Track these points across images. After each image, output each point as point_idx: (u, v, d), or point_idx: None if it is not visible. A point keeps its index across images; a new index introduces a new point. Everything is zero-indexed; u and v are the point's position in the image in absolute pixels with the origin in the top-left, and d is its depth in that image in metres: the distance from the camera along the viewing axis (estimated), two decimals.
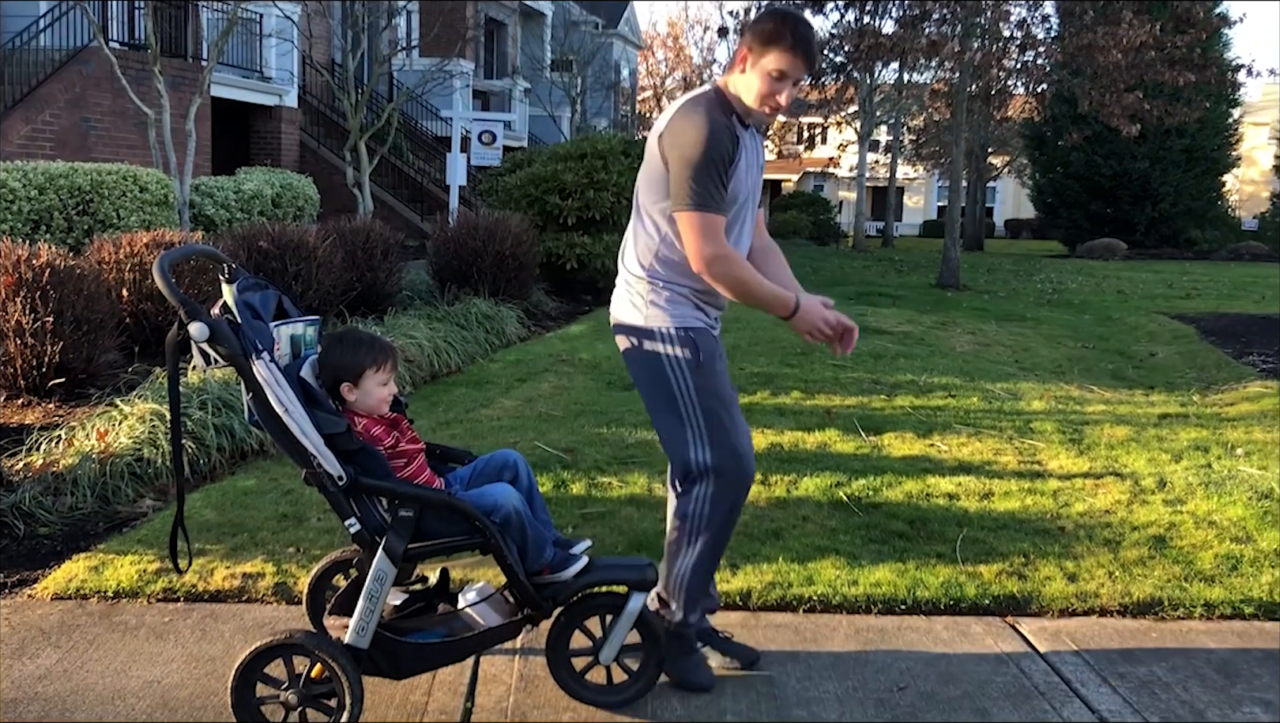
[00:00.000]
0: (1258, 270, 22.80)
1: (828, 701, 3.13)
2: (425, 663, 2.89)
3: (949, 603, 3.85)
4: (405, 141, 22.03)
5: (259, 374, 2.64)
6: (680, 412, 3.05)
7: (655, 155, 3.02)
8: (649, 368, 3.10)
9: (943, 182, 44.36)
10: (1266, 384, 8.06)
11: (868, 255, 26.90)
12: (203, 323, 2.61)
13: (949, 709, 3.10)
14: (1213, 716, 3.10)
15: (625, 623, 2.95)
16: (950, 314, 13.25)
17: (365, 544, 2.77)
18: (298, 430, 2.66)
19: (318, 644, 2.72)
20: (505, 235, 10.99)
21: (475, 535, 2.78)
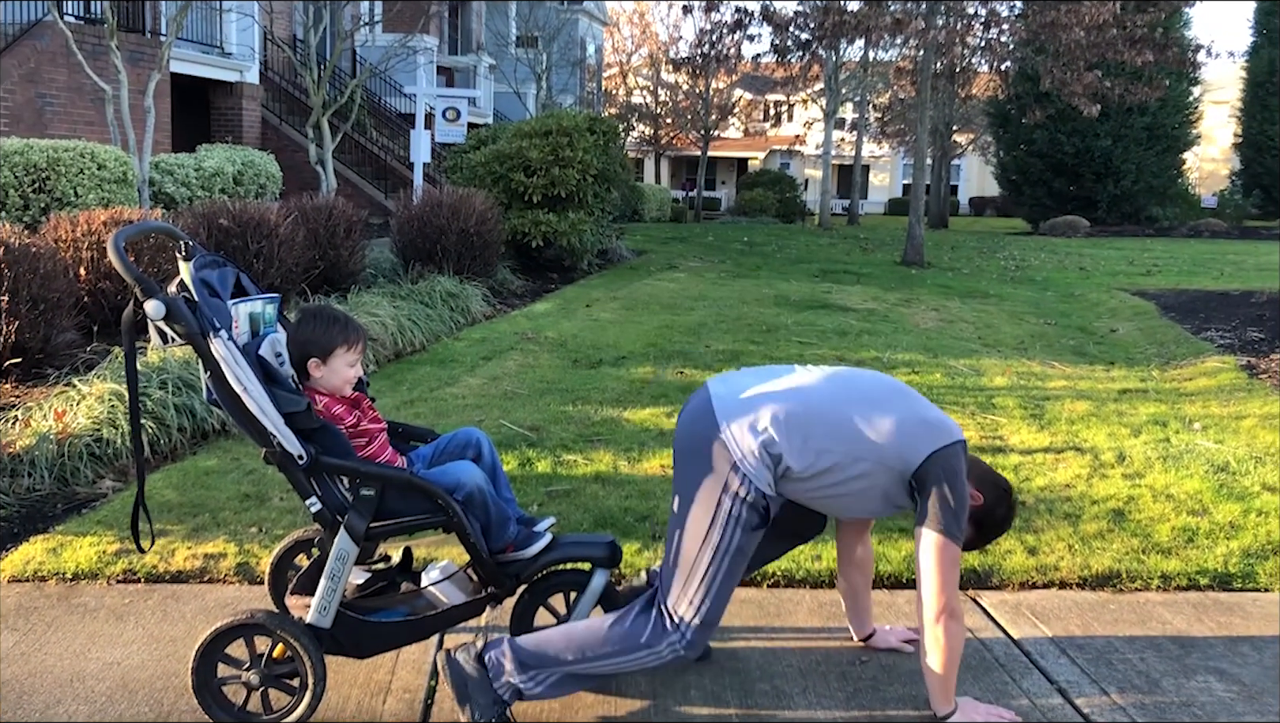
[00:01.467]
0: (1217, 247, 23.08)
1: (791, 674, 3.15)
2: (388, 642, 2.87)
3: (911, 578, 3.89)
4: (369, 118, 21.79)
5: (216, 352, 2.61)
6: (700, 547, 2.74)
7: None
8: (703, 484, 2.76)
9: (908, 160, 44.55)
10: (1224, 359, 8.17)
11: (833, 233, 26.97)
12: (159, 301, 2.57)
13: (910, 682, 3.13)
14: (1168, 685, 3.15)
15: (590, 600, 2.95)
16: (914, 291, 13.33)
17: (327, 524, 2.75)
18: (256, 409, 2.63)
19: (279, 624, 2.70)
20: (470, 213, 10.92)
21: (438, 514, 2.76)
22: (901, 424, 2.77)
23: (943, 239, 25.46)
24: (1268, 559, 4.13)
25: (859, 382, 2.90)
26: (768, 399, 2.78)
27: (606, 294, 11.86)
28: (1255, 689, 3.13)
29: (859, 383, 2.89)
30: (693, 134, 39.81)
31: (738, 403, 2.78)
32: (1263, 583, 3.96)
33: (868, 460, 2.75)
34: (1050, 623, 3.57)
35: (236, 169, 14.38)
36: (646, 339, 8.74)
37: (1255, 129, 35.66)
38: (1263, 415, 6.38)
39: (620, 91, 41.64)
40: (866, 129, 37.96)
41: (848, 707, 2.97)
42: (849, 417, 2.76)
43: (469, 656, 2.76)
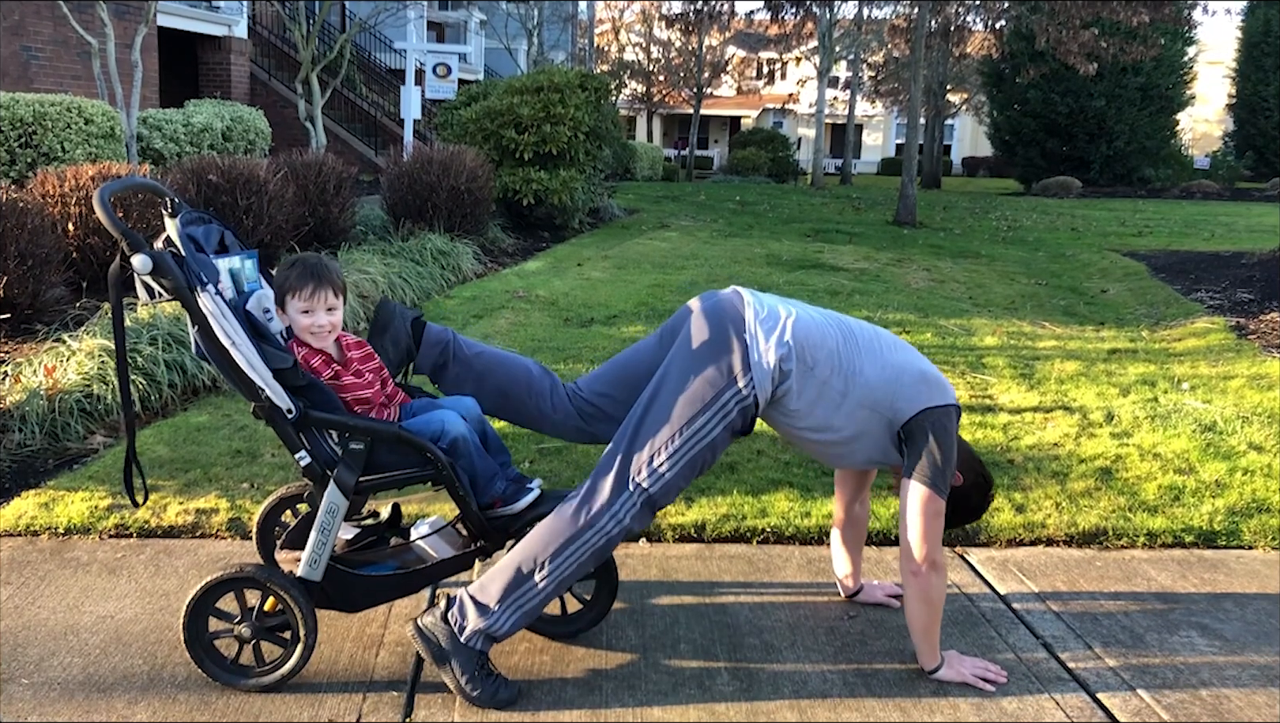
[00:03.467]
0: (1208, 209, 23.07)
1: (779, 628, 3.18)
2: (378, 596, 2.88)
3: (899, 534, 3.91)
4: (358, 74, 21.63)
5: (204, 307, 2.60)
6: (683, 425, 2.76)
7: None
8: (708, 368, 2.77)
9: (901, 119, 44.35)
10: (1213, 320, 8.20)
11: (826, 193, 26.89)
12: (145, 255, 2.57)
13: (897, 637, 3.16)
14: (1151, 640, 3.19)
15: None
16: (906, 251, 13.32)
17: (316, 478, 2.75)
18: (245, 363, 2.63)
19: (269, 577, 2.71)
20: (460, 170, 10.86)
21: (427, 467, 2.77)
22: (902, 374, 2.81)
23: (935, 199, 25.40)
24: (1252, 517, 4.17)
25: (872, 331, 2.93)
26: (793, 320, 2.80)
27: (598, 253, 11.83)
28: (1237, 645, 3.17)
29: (871, 331, 2.92)
30: (685, 92, 39.54)
31: (770, 312, 2.81)
32: (1247, 540, 4.00)
33: (861, 403, 2.78)
34: (1037, 579, 3.61)
35: (225, 125, 14.25)
36: (638, 298, 8.73)
37: (1249, 90, 35.58)
38: (1250, 376, 6.41)
39: (613, 48, 41.25)
40: (860, 88, 37.75)
41: (835, 661, 3.00)
42: (854, 355, 2.80)
43: (435, 618, 2.77)
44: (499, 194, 12.65)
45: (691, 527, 3.89)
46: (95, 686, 2.74)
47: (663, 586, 3.44)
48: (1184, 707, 2.82)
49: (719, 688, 2.84)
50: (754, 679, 2.89)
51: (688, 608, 3.30)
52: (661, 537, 3.85)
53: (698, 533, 3.88)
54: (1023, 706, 2.80)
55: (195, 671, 2.80)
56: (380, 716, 2.65)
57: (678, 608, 3.27)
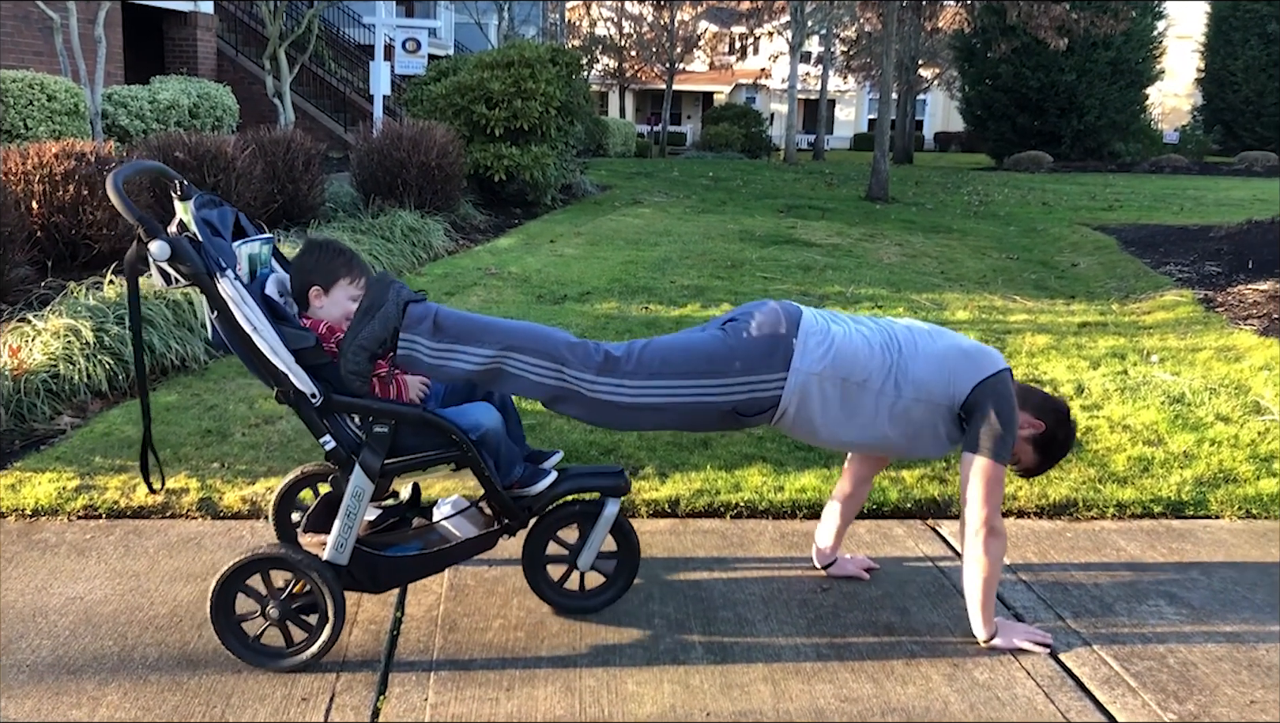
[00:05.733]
0: (1177, 182, 23.24)
1: (753, 602, 3.20)
2: (403, 576, 2.88)
3: (872, 507, 3.94)
4: (327, 50, 21.40)
5: (224, 292, 2.57)
6: (703, 382, 2.79)
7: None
8: (757, 361, 2.80)
9: (873, 94, 44.34)
10: (1182, 293, 8.27)
11: (798, 168, 26.89)
12: (163, 241, 2.53)
13: (870, 609, 3.18)
14: (1120, 609, 3.23)
15: (602, 529, 2.98)
16: (878, 226, 13.34)
17: (340, 462, 2.74)
18: (268, 349, 2.61)
19: (301, 559, 2.70)
20: (431, 146, 10.77)
21: (451, 449, 2.76)
22: (945, 360, 2.88)
23: (907, 174, 25.46)
24: (1219, 487, 4.22)
25: (907, 330, 2.96)
26: (840, 340, 2.85)
27: (570, 229, 11.78)
28: (1203, 612, 3.21)
29: (906, 330, 2.96)
30: (657, 67, 39.36)
31: (822, 329, 2.86)
32: (1214, 510, 4.05)
33: (917, 399, 2.85)
34: (1008, 551, 3.63)
35: (192, 101, 14.06)
36: (611, 275, 8.71)
37: (1218, 65, 35.80)
38: (1218, 348, 6.47)
39: (584, 23, 40.97)
40: (832, 63, 37.72)
41: (809, 633, 3.02)
42: (901, 359, 2.86)
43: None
44: (470, 170, 12.57)
45: (665, 502, 3.90)
46: (65, 667, 2.72)
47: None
48: (1151, 674, 2.85)
49: (693, 660, 2.85)
50: (728, 652, 2.90)
51: (662, 583, 3.30)
52: (636, 512, 3.85)
53: (671, 508, 3.88)
54: (994, 676, 2.83)
55: (165, 651, 2.78)
56: (354, 693, 2.64)
57: (652, 583, 3.28)
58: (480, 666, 2.79)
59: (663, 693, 2.69)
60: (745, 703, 2.66)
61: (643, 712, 2.61)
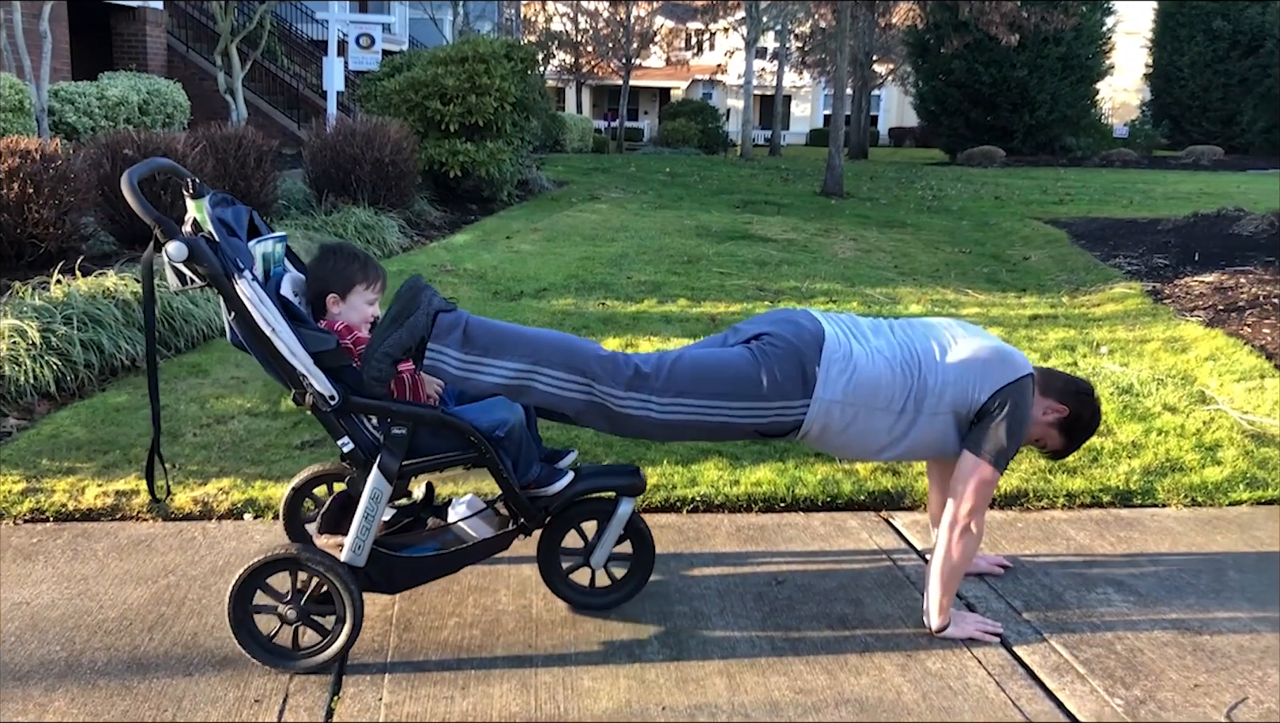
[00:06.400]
0: (1127, 176, 23.58)
1: (709, 596, 3.21)
2: (419, 577, 2.87)
3: (826, 500, 3.97)
4: (280, 45, 21.19)
5: (242, 293, 2.55)
6: (728, 404, 2.81)
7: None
8: (782, 385, 2.82)
9: (828, 90, 44.56)
10: (1131, 285, 8.39)
11: (755, 164, 26.98)
12: (180, 242, 2.50)
13: (825, 601, 3.21)
14: (1070, 597, 3.28)
15: (616, 527, 2.98)
16: (833, 221, 13.42)
17: (359, 463, 2.73)
18: (286, 350, 2.58)
19: (321, 561, 2.69)
20: (384, 142, 10.70)
21: (469, 450, 2.75)
22: (967, 371, 2.88)
23: (862, 169, 25.63)
24: (1166, 476, 4.29)
25: (925, 342, 2.96)
26: (862, 363, 2.85)
27: (527, 225, 11.75)
28: (1150, 600, 3.27)
29: (925, 341, 2.96)
30: (614, 63, 39.33)
31: (844, 350, 2.86)
32: (1161, 499, 4.12)
33: (936, 412, 2.88)
34: None
35: (142, 98, 13.87)
36: (568, 271, 8.70)
37: (1165, 60, 36.36)
38: (1165, 339, 6.58)
39: (540, 18, 40.86)
40: (787, 59, 37.87)
41: (764, 626, 3.04)
42: (923, 375, 2.87)
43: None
44: (425, 166, 12.49)
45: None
46: (10, 674, 2.68)
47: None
48: (1099, 660, 2.90)
49: (648, 655, 2.85)
50: (683, 646, 2.91)
51: None
52: None
53: None
54: (946, 665, 2.86)
55: (115, 655, 2.75)
56: (308, 694, 2.63)
57: None
58: (435, 665, 2.78)
59: (618, 689, 2.70)
60: (701, 697, 2.67)
61: (598, 708, 2.62)
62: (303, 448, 4.32)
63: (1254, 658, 2.94)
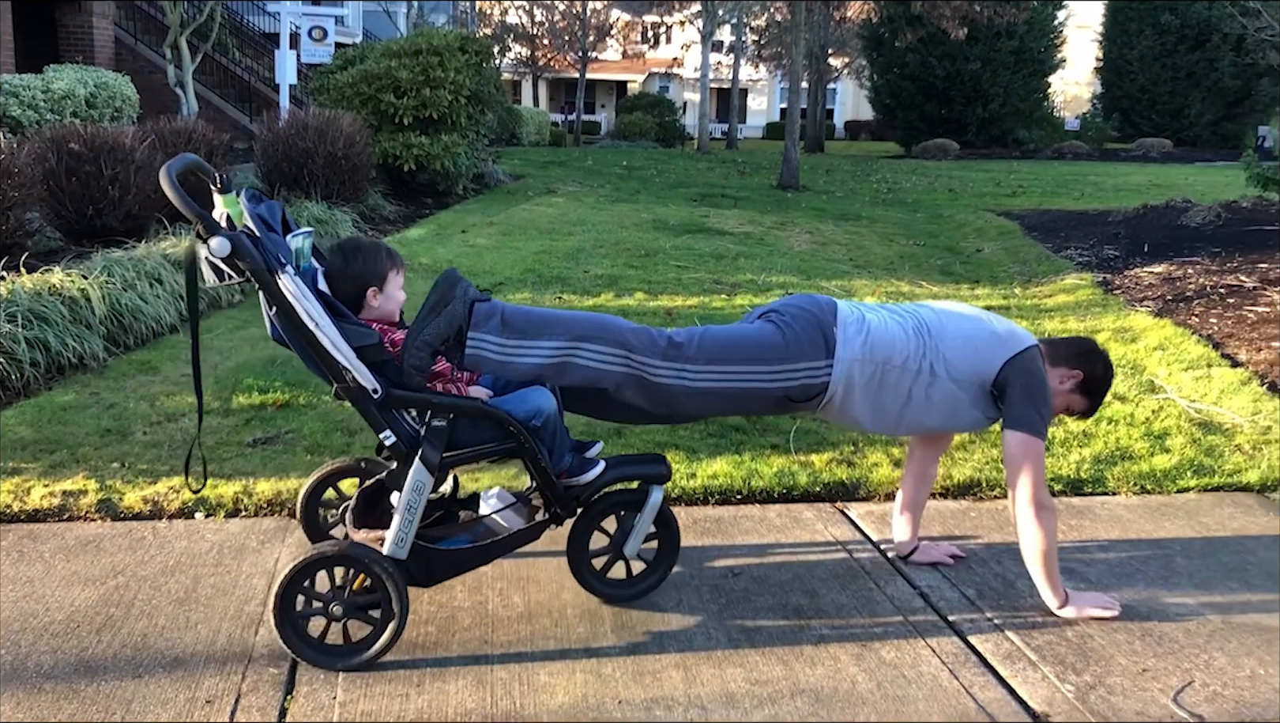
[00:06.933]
0: (1079, 169, 23.86)
1: (665, 589, 3.21)
2: (456, 568, 2.88)
3: (782, 492, 3.99)
4: (231, 38, 20.90)
5: (285, 289, 2.56)
6: (754, 371, 2.89)
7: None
8: (805, 350, 2.92)
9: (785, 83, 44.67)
10: (1082, 276, 8.50)
11: (712, 157, 27.01)
12: (223, 238, 2.50)
13: (781, 592, 3.22)
14: (1022, 586, 3.31)
15: (648, 516, 3.01)
16: (790, 215, 13.48)
17: (400, 456, 2.74)
18: (329, 344, 2.60)
19: (368, 556, 2.69)
20: (337, 135, 10.59)
21: (508, 441, 2.78)
22: (974, 340, 3.03)
23: (818, 163, 25.75)
24: (1116, 465, 4.35)
25: (935, 317, 3.09)
26: (875, 326, 2.99)
27: (483, 219, 11.69)
28: (1100, 586, 3.31)
29: (935, 317, 3.09)
30: (570, 56, 39.22)
31: (857, 317, 3.00)
32: (1111, 487, 4.18)
33: (951, 378, 2.99)
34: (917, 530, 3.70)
35: (89, 91, 13.61)
36: (524, 265, 8.66)
37: (1115, 54, 36.76)
38: (1115, 329, 6.67)
39: (495, 11, 40.64)
40: (743, 52, 37.92)
41: (720, 618, 3.04)
42: (935, 342, 3.00)
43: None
44: (379, 160, 12.39)
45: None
46: None
47: (548, 551, 3.43)
48: (1051, 647, 2.94)
49: (605, 649, 2.85)
50: (640, 640, 2.91)
51: None
52: None
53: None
54: (900, 654, 2.88)
55: (62, 658, 2.71)
56: (261, 694, 2.60)
57: (563, 573, 3.27)
58: (390, 662, 2.76)
59: (575, 683, 2.70)
60: (657, 691, 2.67)
61: (555, 703, 2.61)
62: (255, 446, 4.28)
63: (1200, 642, 2.99)
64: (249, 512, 3.70)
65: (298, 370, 5.27)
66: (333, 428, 4.49)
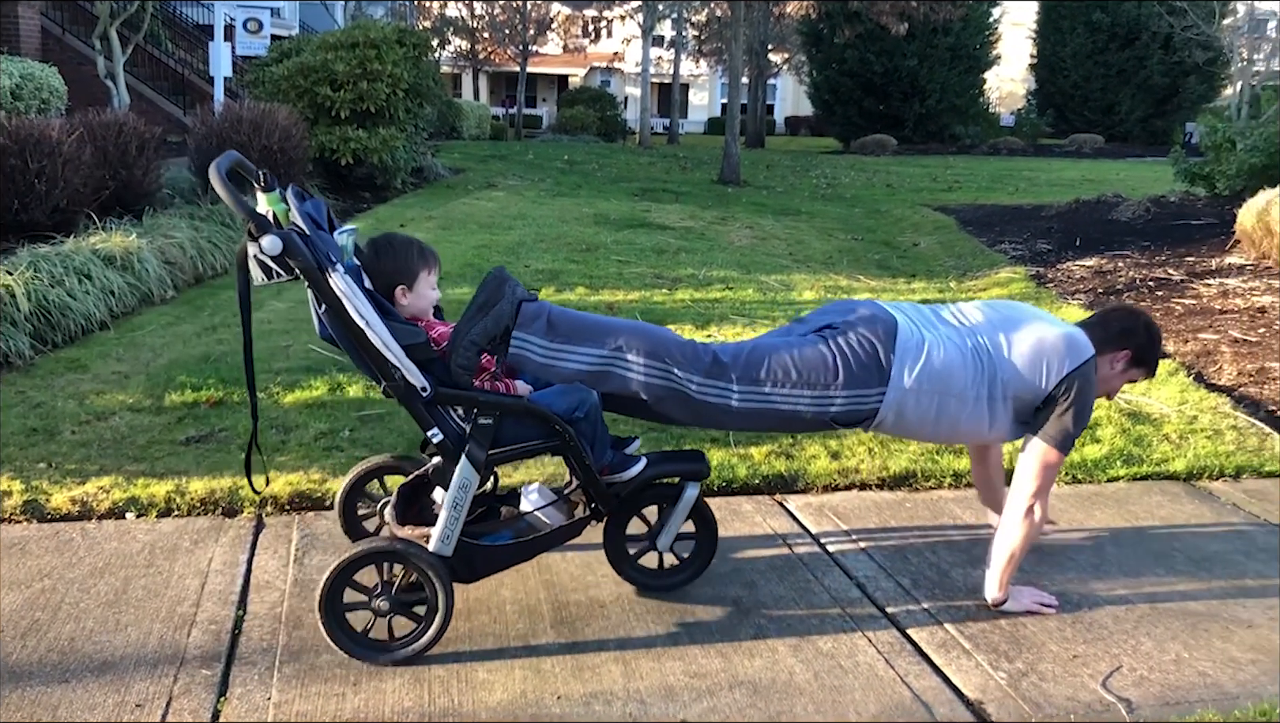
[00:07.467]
0: (1013, 164, 24.24)
1: (604, 583, 3.21)
2: (498, 564, 2.89)
3: (721, 484, 4.00)
4: (163, 29, 20.50)
5: (336, 287, 2.55)
6: (803, 394, 2.87)
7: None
8: (858, 374, 2.89)
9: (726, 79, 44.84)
10: (1015, 270, 8.64)
11: (653, 152, 27.03)
12: (275, 236, 2.50)
13: (719, 583, 3.24)
14: (956, 575, 3.36)
15: (682, 511, 3.04)
16: (730, 210, 13.53)
17: (448, 454, 2.75)
18: (380, 343, 2.59)
19: (415, 553, 2.69)
20: (273, 128, 10.43)
21: (553, 438, 2.78)
22: (1036, 360, 2.96)
23: (759, 158, 25.87)
24: None
25: (992, 334, 3.02)
26: (932, 354, 2.92)
27: (422, 213, 11.59)
28: (1032, 575, 3.37)
29: (991, 334, 3.02)
30: (511, 49, 38.99)
31: (916, 340, 2.93)
32: None
33: (1006, 397, 2.97)
34: (851, 522, 3.75)
35: (14, 83, 13.26)
36: (464, 259, 8.60)
37: (1049, 51, 37.39)
38: None
39: (435, 4, 40.28)
40: (684, 47, 38.00)
41: (659, 612, 3.05)
42: (991, 366, 2.95)
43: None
44: (315, 154, 12.22)
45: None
46: None
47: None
48: (984, 635, 2.98)
49: (544, 644, 2.85)
50: (579, 634, 2.91)
51: (512, 569, 3.28)
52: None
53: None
54: (838, 644, 2.91)
55: None
56: (193, 697, 2.56)
57: None
58: (326, 662, 2.73)
59: (514, 679, 2.69)
60: (597, 685, 2.67)
61: (493, 700, 2.60)
62: (188, 444, 4.20)
63: (1128, 628, 3.05)
64: (182, 511, 3.64)
65: (232, 367, 5.19)
66: (267, 425, 4.42)
